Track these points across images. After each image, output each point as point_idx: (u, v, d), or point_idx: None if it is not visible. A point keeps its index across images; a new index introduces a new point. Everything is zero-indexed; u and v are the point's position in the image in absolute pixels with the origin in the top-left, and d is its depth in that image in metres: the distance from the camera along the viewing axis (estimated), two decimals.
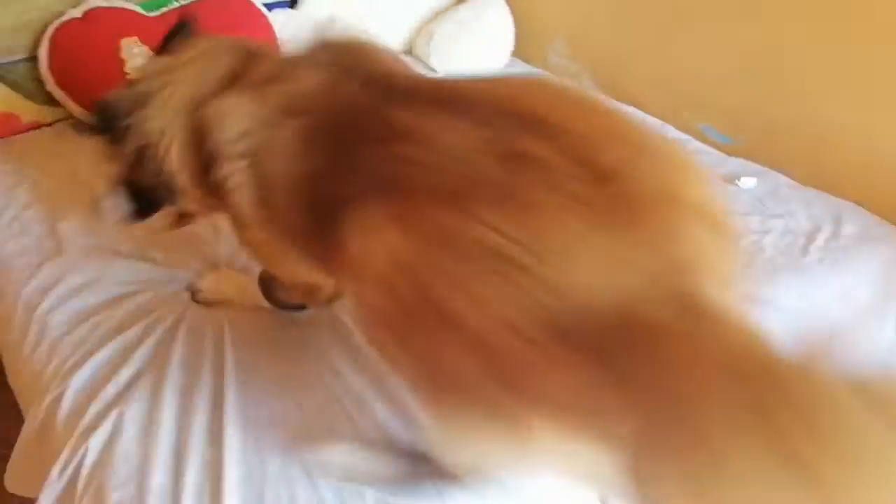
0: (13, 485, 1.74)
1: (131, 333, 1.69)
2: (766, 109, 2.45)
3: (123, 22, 2.70)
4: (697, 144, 2.49)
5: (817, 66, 2.29)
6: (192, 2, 2.82)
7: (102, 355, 1.62)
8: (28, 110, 2.65)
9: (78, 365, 1.60)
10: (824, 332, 0.89)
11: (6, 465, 1.73)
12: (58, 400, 1.56)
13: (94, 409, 1.50)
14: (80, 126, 2.61)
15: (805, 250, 1.96)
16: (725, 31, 2.51)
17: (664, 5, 2.68)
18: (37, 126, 2.67)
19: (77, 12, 2.68)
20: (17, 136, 2.62)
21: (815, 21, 2.25)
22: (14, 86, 2.65)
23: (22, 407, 1.78)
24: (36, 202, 2.25)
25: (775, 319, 1.70)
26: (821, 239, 2.00)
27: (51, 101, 2.65)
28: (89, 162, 2.44)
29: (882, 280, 1.94)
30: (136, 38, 2.67)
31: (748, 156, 2.43)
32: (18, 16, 2.64)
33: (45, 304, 1.79)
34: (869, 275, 1.94)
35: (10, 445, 1.70)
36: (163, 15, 2.74)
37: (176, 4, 2.79)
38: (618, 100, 2.77)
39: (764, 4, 2.37)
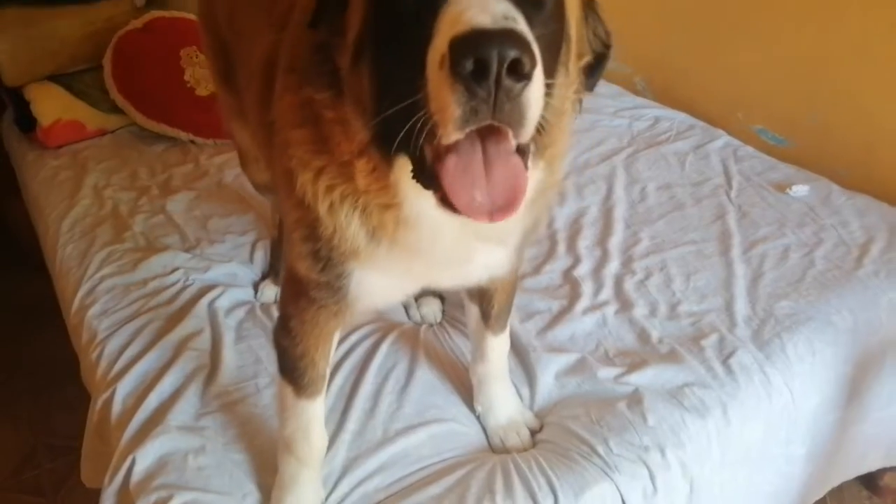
0: (86, 477, 1.82)
1: (173, 337, 1.76)
2: (820, 112, 2.37)
3: (182, 31, 2.79)
4: (748, 149, 2.43)
5: (871, 68, 2.21)
6: None
7: (146, 363, 1.69)
8: (93, 118, 2.77)
9: (124, 371, 1.67)
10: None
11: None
12: (108, 404, 1.63)
13: (139, 418, 1.56)
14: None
15: (859, 262, 1.89)
16: (778, 33, 2.44)
17: (716, 8, 2.62)
18: (101, 133, 2.79)
19: (139, 23, 2.78)
20: (82, 142, 2.74)
21: (870, 23, 2.17)
22: (80, 94, 2.77)
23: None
24: (97, 207, 2.35)
25: (828, 336, 1.69)
26: (875, 250, 1.92)
27: (114, 108, 2.75)
28: (150, 168, 2.56)
29: None
30: (194, 48, 2.75)
31: (801, 158, 2.36)
32: (84, 27, 2.77)
33: (95, 309, 1.88)
34: None
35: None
36: None
37: None
38: (671, 102, 2.74)
39: (817, 7, 2.30)
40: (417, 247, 1.08)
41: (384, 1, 0.88)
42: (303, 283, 1.22)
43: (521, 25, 0.78)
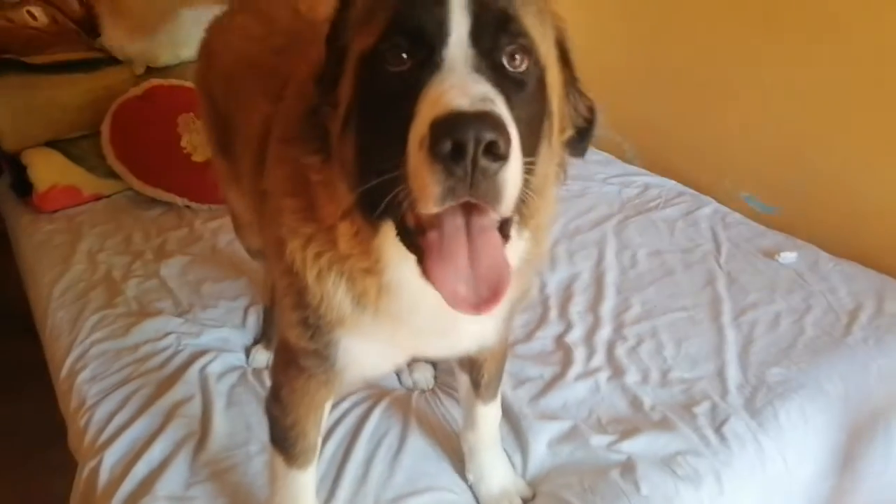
0: None
1: (164, 404, 1.74)
2: (808, 179, 2.42)
3: (181, 99, 2.84)
4: (737, 216, 2.47)
5: (856, 136, 2.27)
6: None
7: (135, 430, 1.68)
8: (89, 183, 2.79)
9: (112, 438, 1.66)
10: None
11: None
12: (95, 472, 1.61)
13: (126, 488, 1.54)
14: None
15: (848, 329, 1.91)
16: (765, 102, 2.51)
17: (704, 78, 2.70)
18: (97, 198, 2.81)
19: (138, 90, 2.83)
20: (78, 207, 2.76)
21: (859, 93, 2.23)
22: (78, 160, 2.80)
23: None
24: (90, 271, 2.35)
25: (820, 404, 1.69)
26: (864, 317, 1.94)
27: (111, 174, 2.78)
28: (144, 232, 2.58)
29: None
30: (192, 115, 2.80)
31: (789, 225, 2.40)
32: (83, 95, 2.82)
33: (85, 374, 1.87)
34: None
35: None
36: None
37: None
38: (660, 169, 2.79)
39: (805, 75, 2.37)
40: (400, 315, 1.10)
41: (370, 79, 0.92)
42: (293, 352, 1.23)
43: (499, 107, 0.81)
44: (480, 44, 0.87)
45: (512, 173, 0.82)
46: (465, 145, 0.76)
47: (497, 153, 0.78)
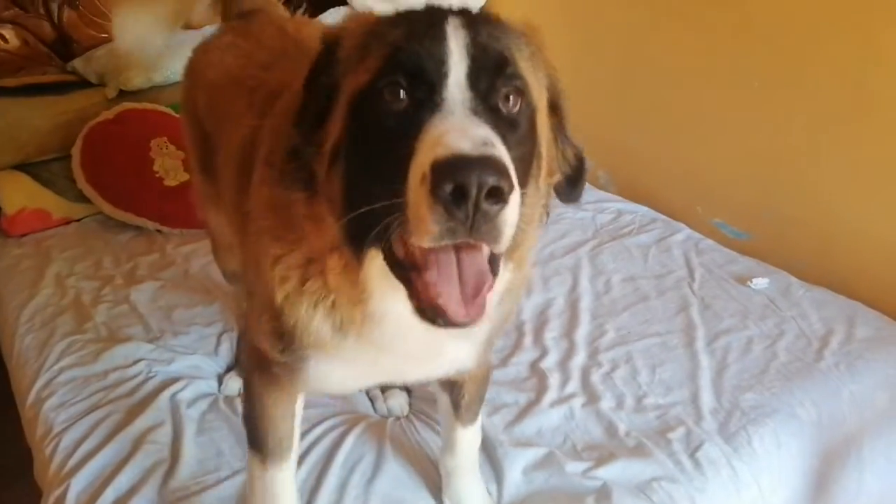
0: None
1: (133, 431, 1.71)
2: (778, 205, 2.46)
3: (153, 123, 2.83)
4: (709, 242, 2.50)
5: (827, 163, 2.31)
6: None
7: (103, 458, 1.64)
8: (59, 206, 2.75)
9: (79, 466, 1.62)
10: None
11: None
12: (60, 501, 1.57)
13: None
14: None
15: (819, 355, 1.92)
16: (737, 130, 2.54)
17: (676, 106, 2.74)
18: (66, 222, 2.77)
19: (110, 114, 2.81)
20: (47, 231, 2.72)
21: (828, 120, 2.27)
22: (47, 183, 2.77)
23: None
24: (59, 296, 2.31)
25: (793, 429, 1.70)
26: (835, 342, 1.96)
27: (81, 198, 2.75)
28: (115, 257, 2.54)
29: None
30: (165, 139, 2.78)
31: (760, 251, 2.43)
32: (54, 118, 2.79)
33: (52, 401, 1.83)
34: (886, 379, 1.89)
35: None
36: None
37: None
38: (633, 196, 2.82)
39: (776, 102, 2.41)
40: (382, 342, 1.10)
41: (366, 115, 0.92)
42: (264, 357, 1.24)
43: (500, 150, 0.82)
44: (478, 85, 0.89)
45: (510, 215, 0.83)
46: (468, 189, 0.77)
47: (499, 197, 0.79)
